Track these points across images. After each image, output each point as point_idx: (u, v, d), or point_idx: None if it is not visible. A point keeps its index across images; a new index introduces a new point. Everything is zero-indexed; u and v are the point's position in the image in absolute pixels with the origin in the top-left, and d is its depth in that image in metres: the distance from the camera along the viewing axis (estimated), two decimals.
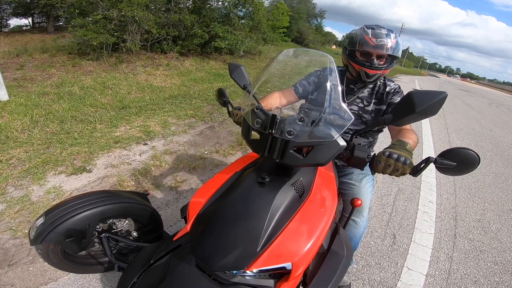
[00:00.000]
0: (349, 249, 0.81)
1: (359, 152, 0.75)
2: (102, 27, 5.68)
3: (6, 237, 1.51)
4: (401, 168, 0.70)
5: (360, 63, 1.04)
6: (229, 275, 0.64)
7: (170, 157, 2.52)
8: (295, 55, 0.91)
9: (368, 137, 1.24)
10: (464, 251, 1.86)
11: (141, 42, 6.33)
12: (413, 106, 0.62)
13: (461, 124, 6.09)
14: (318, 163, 0.69)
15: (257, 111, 0.71)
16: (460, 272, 1.66)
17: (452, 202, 2.48)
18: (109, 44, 5.82)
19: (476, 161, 0.65)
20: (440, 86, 17.52)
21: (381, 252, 1.71)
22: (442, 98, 0.61)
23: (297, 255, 0.64)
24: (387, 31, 1.02)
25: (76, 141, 2.58)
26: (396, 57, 1.05)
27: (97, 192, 0.99)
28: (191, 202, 0.79)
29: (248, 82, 0.95)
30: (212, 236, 0.66)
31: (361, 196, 1.10)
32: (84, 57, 5.95)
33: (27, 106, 3.46)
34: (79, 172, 2.12)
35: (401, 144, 0.76)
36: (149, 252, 0.76)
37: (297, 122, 0.68)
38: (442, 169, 0.68)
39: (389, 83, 1.17)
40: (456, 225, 2.15)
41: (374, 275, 1.54)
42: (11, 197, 1.86)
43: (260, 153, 0.70)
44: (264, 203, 0.68)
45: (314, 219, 0.72)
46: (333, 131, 0.68)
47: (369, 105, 1.16)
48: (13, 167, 2.19)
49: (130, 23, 5.88)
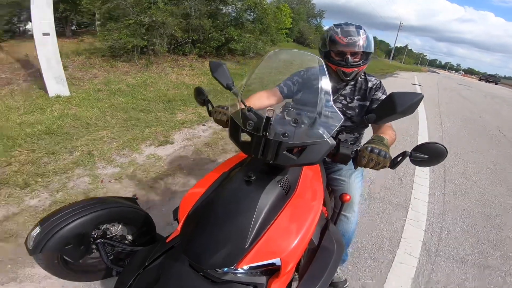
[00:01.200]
0: (340, 245, 0.83)
1: (344, 149, 0.78)
2: (134, 31, 6.40)
3: (137, 192, 2.11)
4: (382, 161, 0.74)
5: (336, 63, 1.06)
6: (221, 273, 0.66)
7: (226, 133, 3.24)
8: (282, 56, 0.92)
9: (354, 132, 1.27)
10: (453, 190, 2.62)
11: (167, 45, 7.06)
12: (395, 107, 0.67)
13: (454, 111, 6.85)
14: (311, 162, 0.71)
15: (248, 113, 0.71)
16: (452, 203, 2.40)
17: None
18: (139, 47, 6.54)
19: (444, 153, 0.70)
20: (439, 81, 18.19)
21: (394, 188, 2.48)
22: (419, 99, 0.66)
23: (285, 251, 0.65)
24: (356, 28, 1.04)
25: (149, 124, 3.29)
26: (370, 52, 1.07)
27: (87, 199, 1.01)
28: (181, 204, 0.80)
29: (231, 81, 0.94)
30: (202, 236, 0.67)
31: (350, 191, 1.13)
32: (117, 59, 6.66)
33: (89, 100, 4.15)
34: (164, 144, 2.83)
35: (380, 139, 0.81)
36: (144, 255, 0.77)
37: (290, 123, 0.71)
38: (415, 161, 0.73)
39: (370, 79, 1.19)
40: (445, 174, 2.91)
41: (392, 200, 2.31)
42: (121, 162, 2.48)
43: (253, 154, 0.70)
44: (251, 201, 0.70)
45: (301, 215, 0.73)
46: (325, 132, 0.70)
47: (352, 102, 1.18)
48: (108, 143, 2.84)
49: (159, 28, 6.60)
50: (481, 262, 1.73)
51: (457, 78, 36.29)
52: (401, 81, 13.14)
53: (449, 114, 6.32)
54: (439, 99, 8.53)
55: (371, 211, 2.11)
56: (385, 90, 1.17)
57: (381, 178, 2.59)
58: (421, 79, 17.36)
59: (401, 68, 26.49)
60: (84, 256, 1.00)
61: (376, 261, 1.63)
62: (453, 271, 1.64)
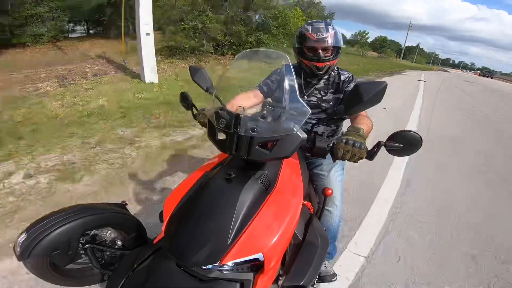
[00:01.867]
0: (324, 239, 0.86)
1: (320, 142, 0.79)
2: (187, 34, 8.07)
3: None
4: (358, 153, 0.75)
5: (309, 58, 1.11)
6: (208, 271, 0.68)
7: None
8: (252, 56, 0.95)
9: (330, 125, 1.30)
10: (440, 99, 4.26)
11: (212, 47, 8.81)
12: (361, 97, 0.68)
13: (448, 101, 8.19)
14: (283, 156, 0.73)
15: (221, 112, 0.74)
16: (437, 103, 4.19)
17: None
18: (192, 47, 8.27)
19: (420, 142, 0.70)
20: (444, 79, 19.16)
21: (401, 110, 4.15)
22: (384, 87, 0.67)
23: (267, 246, 0.66)
24: (325, 24, 1.09)
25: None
26: (339, 47, 1.12)
27: (75, 206, 1.00)
28: (165, 205, 0.82)
29: (210, 84, 0.98)
30: (185, 234, 0.69)
31: (331, 185, 1.16)
32: (173, 57, 8.36)
33: (174, 85, 5.73)
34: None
35: (355, 130, 0.81)
36: (132, 257, 0.78)
37: (259, 119, 0.73)
38: (391, 150, 0.73)
39: (343, 73, 1.23)
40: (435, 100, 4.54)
41: (399, 113, 4.04)
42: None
43: (228, 151, 0.72)
44: (231, 198, 0.71)
45: (282, 210, 0.75)
46: (294, 125, 0.72)
47: (326, 95, 1.23)
48: (199, 107, 4.53)
49: (207, 32, 8.34)
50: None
51: (467, 75, 37.74)
52: (407, 78, 14.52)
53: (443, 102, 7.68)
54: (437, 91, 9.96)
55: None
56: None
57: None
58: (428, 76, 18.54)
59: (411, 67, 27.49)
60: (73, 261, 0.99)
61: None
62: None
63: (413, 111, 5.67)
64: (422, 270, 1.53)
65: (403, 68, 22.32)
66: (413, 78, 14.66)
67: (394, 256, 1.61)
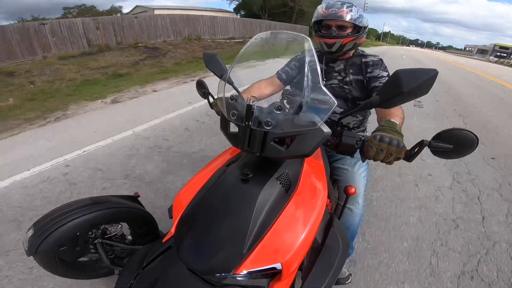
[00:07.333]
0: (345, 242, 0.79)
1: (347, 138, 0.71)
2: None
3: None
4: (394, 152, 0.65)
5: (320, 35, 1.07)
6: (220, 277, 0.62)
7: None
8: (270, 37, 0.84)
9: (356, 115, 1.21)
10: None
11: None
12: (401, 86, 0.56)
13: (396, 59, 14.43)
14: (302, 154, 0.65)
15: (232, 102, 0.67)
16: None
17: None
18: None
19: (475, 143, 0.60)
20: (384, 52, 20.05)
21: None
22: (433, 76, 0.54)
23: (287, 255, 0.60)
24: (342, 3, 1.04)
25: None
26: (359, 26, 1.04)
27: (84, 199, 0.96)
28: (174, 203, 0.76)
29: (225, 70, 0.89)
30: (196, 239, 0.63)
31: (354, 182, 1.08)
32: None
33: None
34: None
35: (391, 126, 0.71)
36: (142, 254, 0.75)
37: (274, 111, 0.62)
38: (437, 152, 0.63)
39: (368, 55, 1.15)
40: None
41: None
42: None
43: (240, 146, 0.66)
44: (249, 201, 0.64)
45: (303, 214, 0.68)
46: (316, 118, 0.63)
47: (346, 76, 1.15)
48: None
49: None
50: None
51: (413, 49, 51.25)
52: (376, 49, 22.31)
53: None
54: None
55: None
56: (386, 68, 1.11)
57: None
58: (387, 50, 24.33)
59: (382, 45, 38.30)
60: (82, 256, 0.97)
61: None
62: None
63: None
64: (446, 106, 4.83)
65: (377, 45, 30.57)
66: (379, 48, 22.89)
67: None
